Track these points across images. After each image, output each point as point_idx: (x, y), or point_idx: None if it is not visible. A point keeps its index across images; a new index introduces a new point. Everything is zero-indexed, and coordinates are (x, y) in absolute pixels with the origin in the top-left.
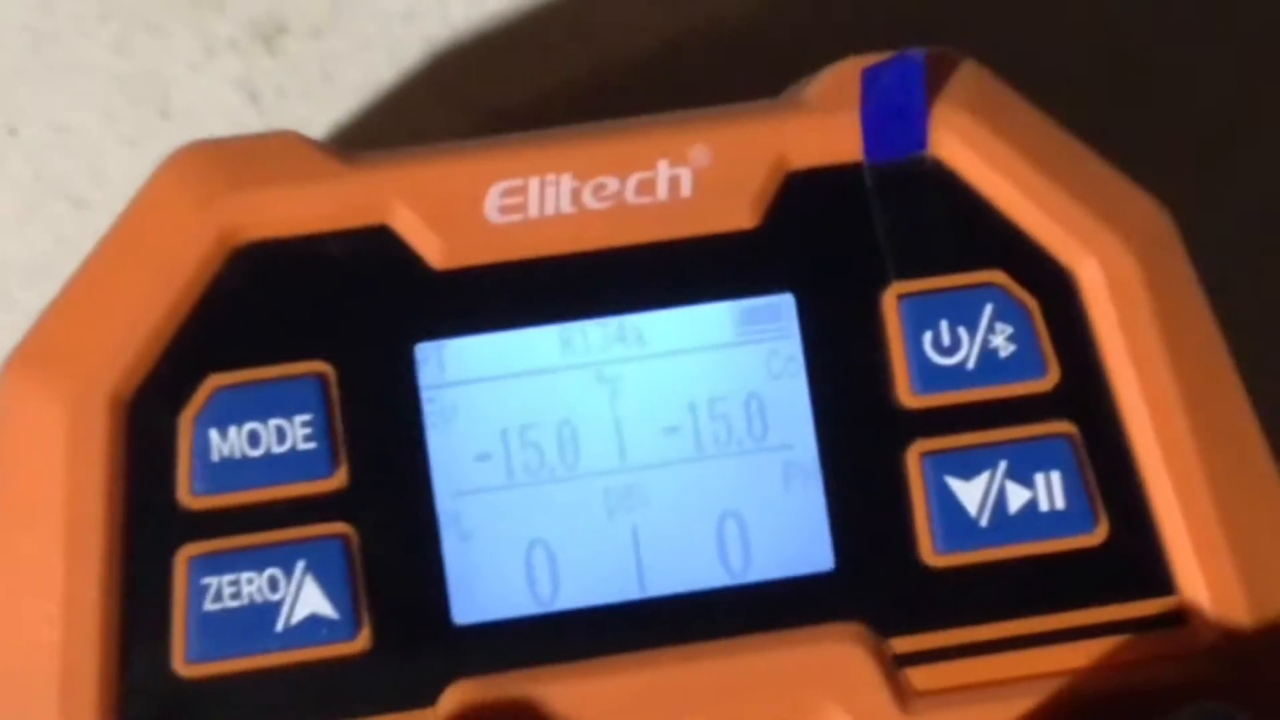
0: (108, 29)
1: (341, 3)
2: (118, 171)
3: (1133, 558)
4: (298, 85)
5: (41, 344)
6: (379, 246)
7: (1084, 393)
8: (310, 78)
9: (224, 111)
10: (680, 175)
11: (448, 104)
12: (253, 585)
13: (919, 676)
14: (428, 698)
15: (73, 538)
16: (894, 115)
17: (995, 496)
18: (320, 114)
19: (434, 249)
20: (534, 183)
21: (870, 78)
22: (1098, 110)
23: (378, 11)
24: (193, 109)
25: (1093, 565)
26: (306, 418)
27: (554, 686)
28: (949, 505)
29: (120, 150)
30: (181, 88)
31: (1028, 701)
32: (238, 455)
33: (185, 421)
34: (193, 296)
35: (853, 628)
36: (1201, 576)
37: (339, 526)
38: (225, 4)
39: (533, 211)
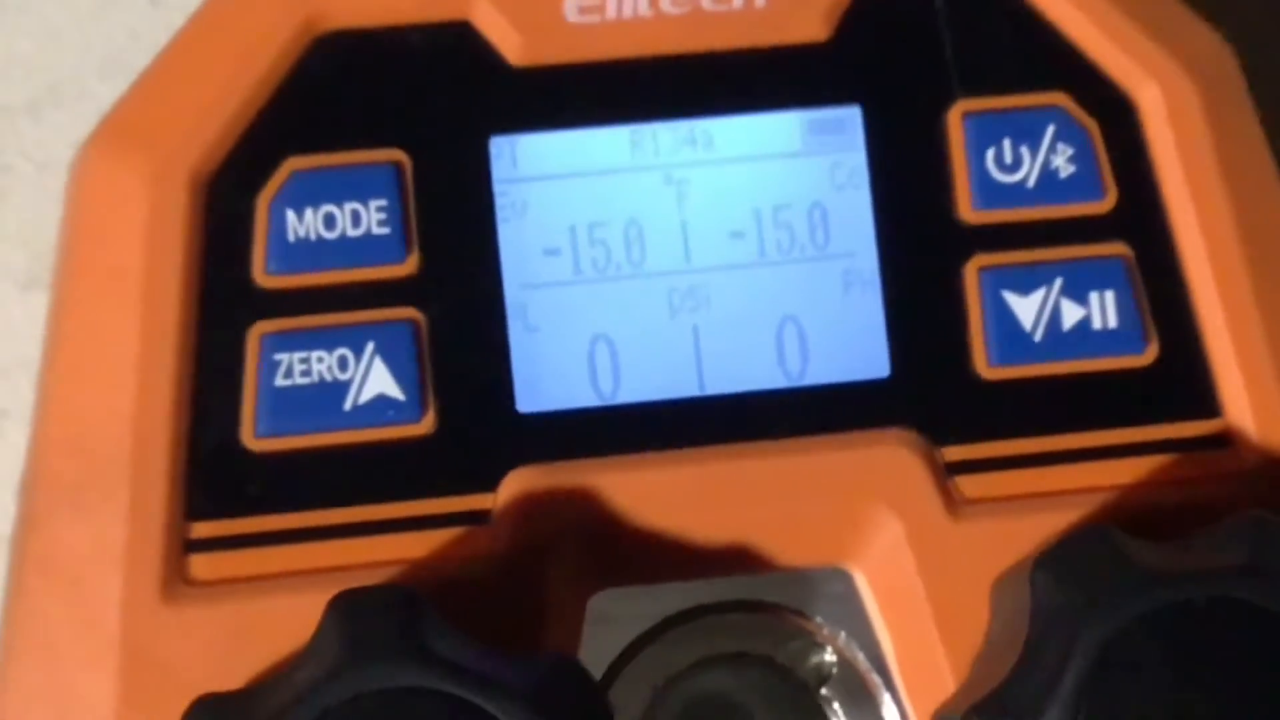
0: None
1: None
2: None
3: (1181, 379)
4: None
5: (124, 122)
6: (459, 40)
7: (1140, 216)
8: None
9: None
10: None
11: None
12: (323, 364)
13: (969, 484)
14: (488, 482)
15: (149, 311)
16: None
17: (1050, 313)
18: None
19: (513, 45)
20: None
21: None
22: None
23: None
24: None
25: (1142, 384)
26: (381, 203)
27: (611, 477)
28: (1004, 319)
29: None
30: None
31: (1074, 513)
32: (312, 237)
33: (262, 202)
34: (274, 80)
35: (906, 434)
36: (1248, 400)
37: (409, 311)
38: None
39: (610, 13)
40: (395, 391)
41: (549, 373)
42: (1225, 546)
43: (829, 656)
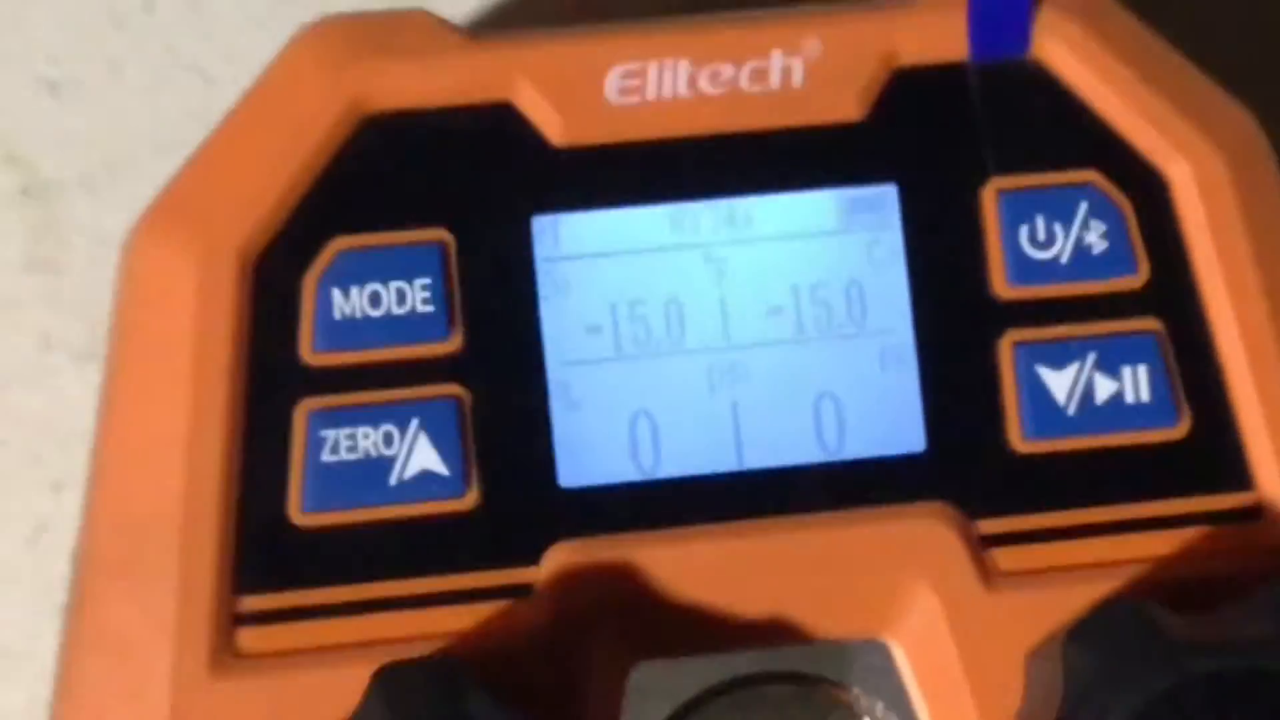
0: None
1: None
2: (246, 50)
3: (1213, 452)
4: None
5: (175, 202)
6: (502, 122)
7: (1172, 291)
8: None
9: None
10: (793, 65)
11: None
12: (368, 440)
13: (1004, 557)
14: (531, 556)
15: (198, 388)
16: (999, 17)
17: (1083, 387)
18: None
19: (554, 126)
20: (653, 66)
21: None
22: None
23: None
24: None
25: (1174, 458)
26: (426, 281)
27: (651, 551)
28: (1038, 393)
29: (250, 29)
30: None
31: (1107, 585)
32: (358, 315)
33: (309, 281)
34: (321, 162)
35: (941, 508)
36: (1279, 473)
37: (453, 388)
38: None
39: (650, 94)
40: (439, 467)
41: (590, 448)
42: (1256, 618)
43: None
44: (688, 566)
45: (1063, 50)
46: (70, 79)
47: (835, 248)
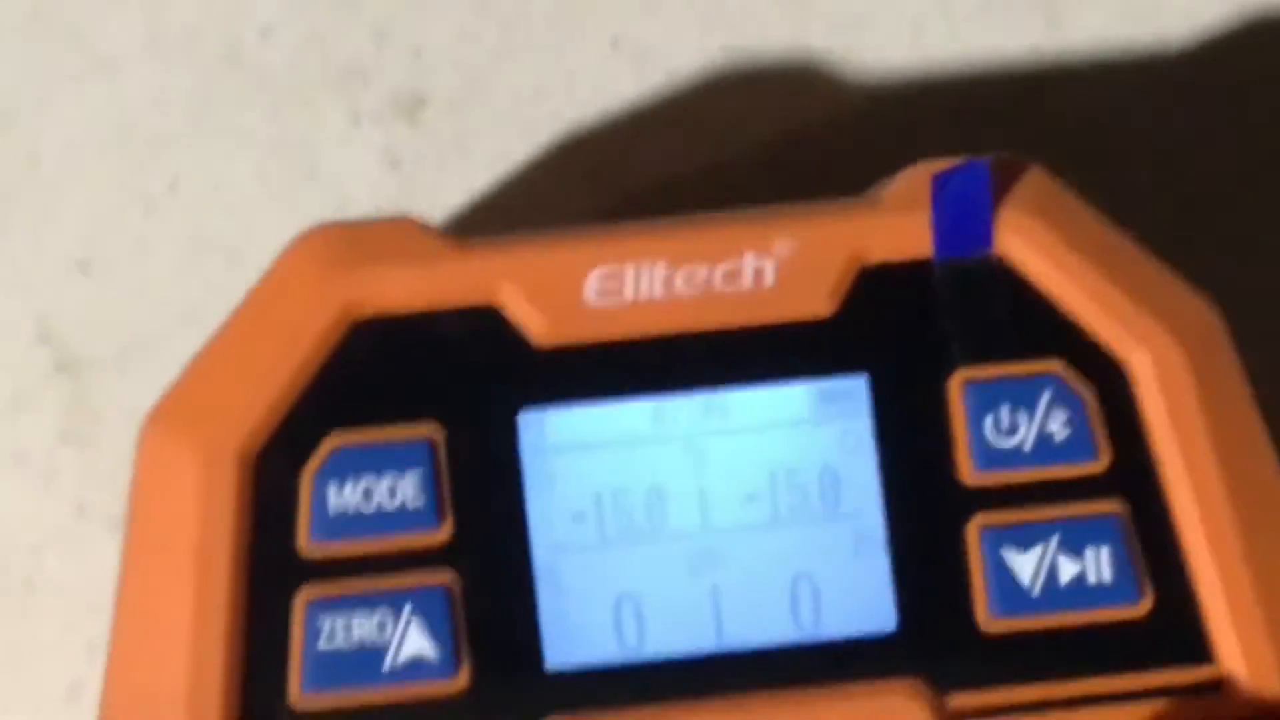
0: (262, 100)
1: (477, 80)
2: (267, 226)
3: (1175, 628)
4: (435, 155)
5: (177, 404)
6: (487, 324)
7: (1133, 475)
8: (447, 148)
9: (366, 176)
10: (765, 266)
11: (573, 178)
12: (363, 627)
13: None
14: None
15: (201, 579)
16: (962, 217)
17: (1047, 568)
18: (456, 182)
19: (537, 327)
20: (630, 269)
21: (940, 182)
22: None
23: (510, 89)
24: (338, 174)
25: (1137, 634)
26: (417, 475)
27: None
28: (1004, 575)
29: (270, 207)
30: (328, 155)
31: None
32: (352, 509)
33: (306, 476)
34: (316, 364)
35: (913, 684)
36: (1239, 648)
37: (443, 575)
38: (370, 80)
39: (628, 295)
40: (431, 651)
41: (576, 630)
42: None
43: None
44: None
45: (1024, 247)
46: (99, 262)
47: (809, 436)
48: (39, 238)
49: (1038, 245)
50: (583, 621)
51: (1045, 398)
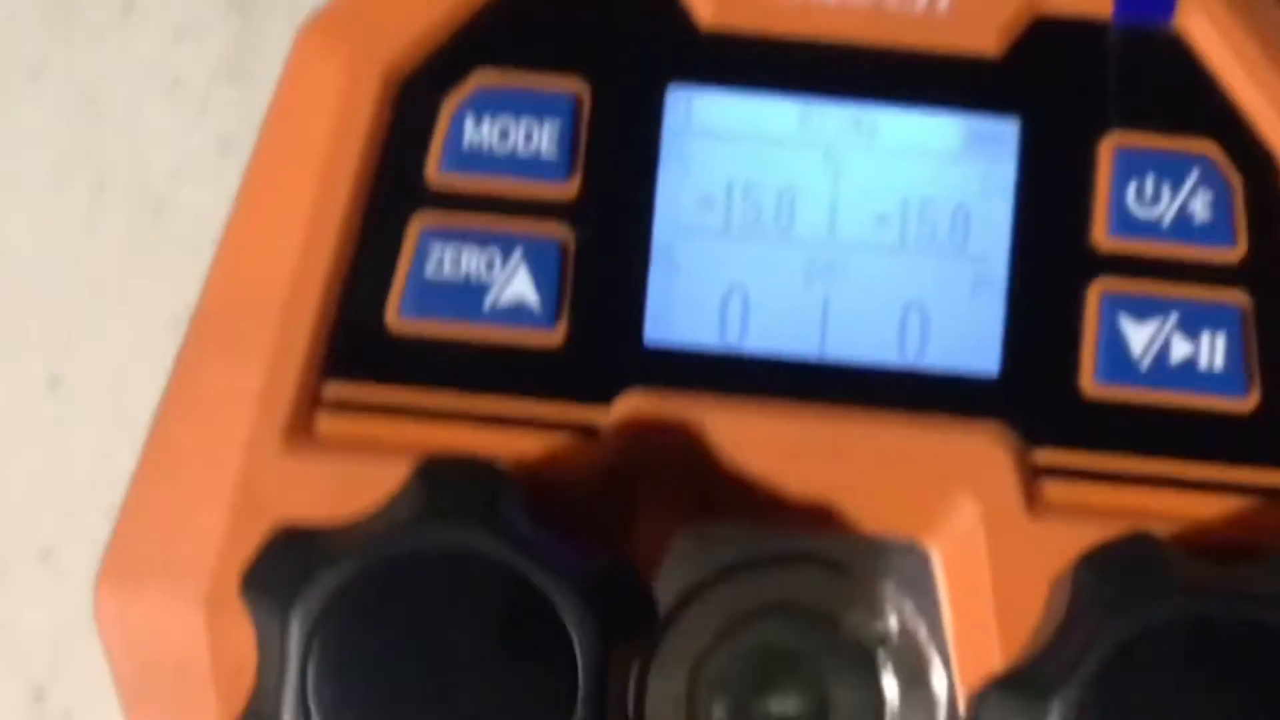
0: None
1: None
2: None
3: (1277, 430)
4: None
5: (335, 16)
6: None
7: (1266, 271)
8: None
9: None
10: None
11: None
12: (472, 262)
13: (1054, 489)
14: (604, 398)
15: (324, 188)
16: None
17: (1160, 344)
18: None
19: (706, 6)
20: None
21: None
22: None
23: None
24: None
25: (1237, 428)
26: (556, 126)
27: (719, 414)
28: (1116, 342)
29: None
30: None
31: None
32: (486, 146)
33: (447, 106)
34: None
35: (1002, 429)
36: None
37: (561, 229)
38: None
39: None
40: (533, 299)
41: (681, 310)
42: (1267, 577)
43: (892, 622)
44: (749, 436)
45: (1204, 24)
46: None
47: (951, 170)
48: None
49: (1218, 25)
50: (689, 303)
51: (1194, 176)
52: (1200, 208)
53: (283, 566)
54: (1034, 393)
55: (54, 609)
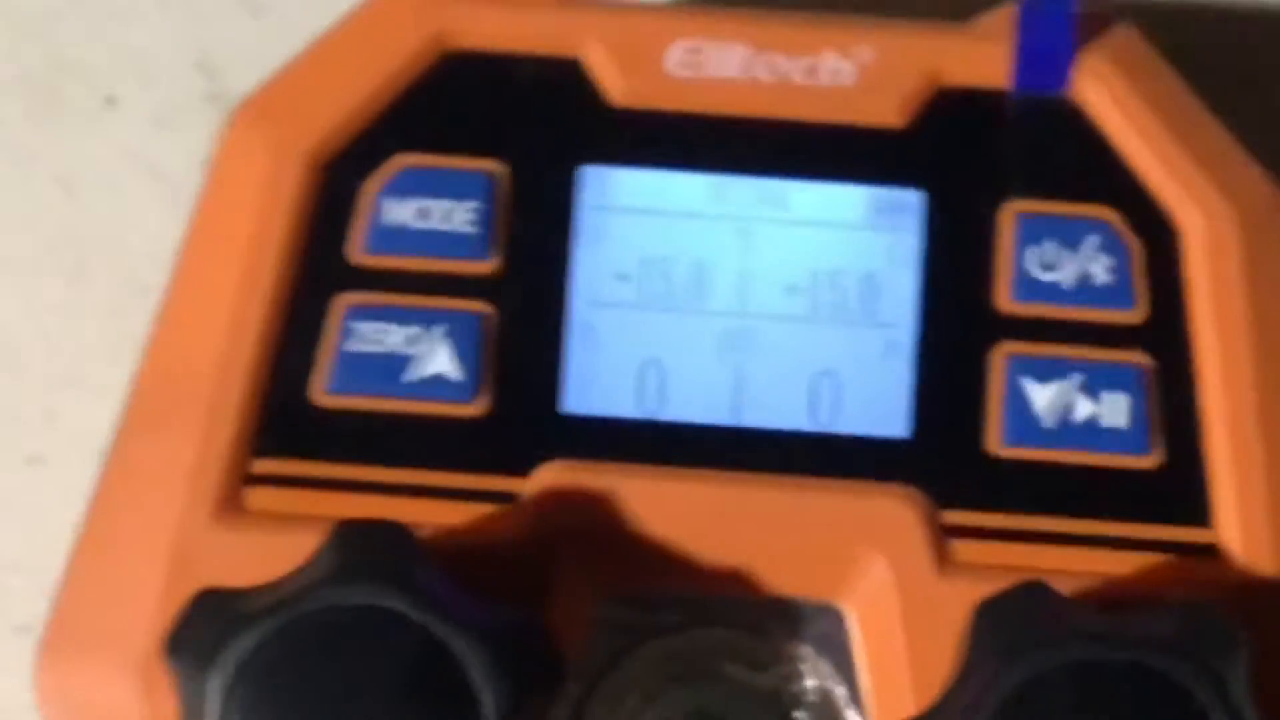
0: None
1: None
2: None
3: (1178, 488)
4: None
5: (264, 101)
6: (568, 75)
7: (1165, 332)
8: None
9: None
10: (844, 67)
11: None
12: (395, 338)
13: (963, 549)
14: (523, 469)
15: (250, 269)
16: (1043, 52)
17: (1064, 404)
18: None
19: (616, 86)
20: (713, 46)
21: (1027, 14)
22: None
23: None
24: None
25: (1140, 486)
26: (474, 205)
27: (635, 483)
28: (1020, 403)
29: None
30: None
31: None
32: (407, 225)
33: (369, 188)
34: (401, 85)
35: (912, 492)
36: (1238, 518)
37: (481, 305)
38: None
39: (708, 71)
40: (454, 372)
41: (599, 381)
42: (1157, 623)
43: (810, 683)
44: (666, 504)
45: (1099, 92)
46: (272, 4)
47: (859, 240)
48: None
49: (1112, 93)
50: (607, 375)
51: (1093, 241)
52: (1100, 271)
53: (201, 628)
54: (943, 455)
55: (29, 683)
